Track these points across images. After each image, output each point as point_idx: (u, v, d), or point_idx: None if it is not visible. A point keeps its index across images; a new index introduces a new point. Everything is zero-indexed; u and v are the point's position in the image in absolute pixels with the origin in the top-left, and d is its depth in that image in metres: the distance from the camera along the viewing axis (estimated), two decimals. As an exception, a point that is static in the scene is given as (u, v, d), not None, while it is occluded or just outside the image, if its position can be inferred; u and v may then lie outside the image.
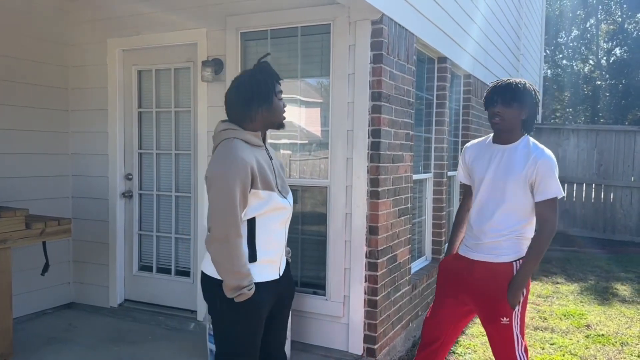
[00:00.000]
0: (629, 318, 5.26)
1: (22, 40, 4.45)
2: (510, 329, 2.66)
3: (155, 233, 4.64)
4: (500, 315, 2.65)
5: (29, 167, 4.53)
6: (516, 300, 2.61)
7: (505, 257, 2.67)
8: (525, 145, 2.69)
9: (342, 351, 3.73)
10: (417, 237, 4.89)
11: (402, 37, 3.88)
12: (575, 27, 25.38)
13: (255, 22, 3.92)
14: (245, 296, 2.21)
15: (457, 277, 2.81)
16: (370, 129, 3.60)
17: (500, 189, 2.68)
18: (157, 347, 3.99)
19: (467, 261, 2.78)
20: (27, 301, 4.50)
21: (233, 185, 2.16)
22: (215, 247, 2.21)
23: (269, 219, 2.32)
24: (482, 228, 2.72)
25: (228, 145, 2.24)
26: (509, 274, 2.64)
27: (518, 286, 2.60)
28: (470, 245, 2.79)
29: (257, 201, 2.26)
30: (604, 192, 10.01)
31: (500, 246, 2.68)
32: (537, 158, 2.61)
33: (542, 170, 2.59)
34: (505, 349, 2.69)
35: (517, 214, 2.67)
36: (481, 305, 2.74)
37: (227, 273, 2.20)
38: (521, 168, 2.63)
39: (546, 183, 2.59)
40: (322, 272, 3.79)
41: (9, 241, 3.58)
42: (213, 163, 2.23)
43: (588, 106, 24.02)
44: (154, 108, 4.57)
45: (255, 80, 2.33)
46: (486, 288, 2.69)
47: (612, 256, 8.39)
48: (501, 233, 2.67)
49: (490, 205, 2.71)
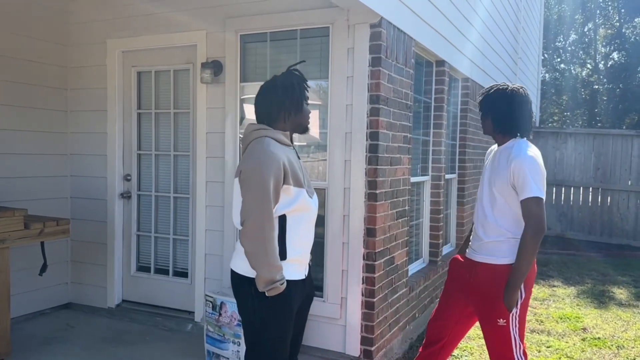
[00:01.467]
0: (625, 321, 5.28)
1: (21, 40, 4.45)
2: (507, 331, 2.67)
3: (153, 234, 4.65)
4: (497, 316, 2.67)
5: (27, 167, 4.54)
6: (512, 301, 2.62)
7: (505, 259, 2.69)
8: (509, 147, 2.75)
9: (339, 353, 3.74)
10: (415, 239, 4.91)
11: (401, 41, 3.90)
12: (574, 31, 25.44)
13: (255, 25, 3.93)
14: (277, 290, 2.25)
15: (460, 278, 2.86)
16: (369, 131, 3.61)
17: (492, 191, 2.74)
18: (155, 348, 4.00)
19: (470, 263, 2.83)
20: (25, 301, 4.51)
21: (267, 180, 2.23)
22: (251, 240, 2.24)
23: (298, 218, 2.39)
24: (482, 229, 2.78)
25: (260, 142, 2.32)
26: (507, 275, 2.66)
27: (513, 288, 2.61)
28: (474, 247, 2.84)
29: (287, 197, 2.33)
30: (601, 195, 10.04)
31: (499, 247, 2.71)
32: (513, 159, 2.65)
33: (517, 170, 2.62)
34: (501, 351, 2.71)
35: (510, 215, 2.70)
36: (479, 306, 2.77)
37: (261, 266, 2.24)
38: (503, 170, 2.68)
39: (523, 182, 2.60)
40: (320, 274, 3.80)
41: (7, 241, 3.58)
42: (246, 159, 2.31)
43: (586, 110, 24.07)
44: (153, 109, 4.58)
45: (289, 84, 2.43)
46: (485, 289, 2.72)
47: (608, 259, 8.41)
48: (499, 233, 2.71)
49: (487, 207, 2.77)
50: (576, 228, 10.18)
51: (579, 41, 25.67)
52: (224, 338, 3.66)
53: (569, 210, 10.23)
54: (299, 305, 2.46)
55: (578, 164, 10.17)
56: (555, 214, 10.26)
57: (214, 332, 3.73)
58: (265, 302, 2.29)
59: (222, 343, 3.67)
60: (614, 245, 9.63)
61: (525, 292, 2.69)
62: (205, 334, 3.78)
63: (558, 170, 10.29)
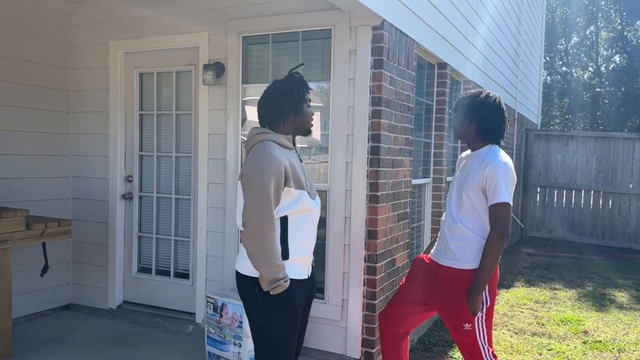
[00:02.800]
0: (626, 324, 5.27)
1: (24, 42, 4.47)
2: (474, 336, 2.70)
3: (154, 235, 4.65)
4: (462, 321, 2.70)
5: (29, 168, 4.55)
6: (476, 306, 2.65)
7: (469, 264, 2.72)
8: (484, 154, 2.77)
9: (340, 355, 3.73)
10: (416, 241, 4.90)
11: (403, 43, 3.90)
12: (575, 34, 25.45)
13: (257, 27, 3.94)
14: (281, 288, 2.29)
15: (424, 280, 2.89)
16: (370, 133, 3.62)
17: (461, 195, 2.76)
18: (155, 349, 4.00)
19: (434, 266, 2.86)
20: (26, 302, 4.51)
21: (268, 182, 2.28)
22: (251, 241, 2.29)
23: (300, 219, 2.43)
24: (448, 231, 2.81)
25: (262, 146, 2.38)
26: (471, 280, 2.68)
27: (476, 292, 2.64)
28: (439, 249, 2.87)
29: (289, 199, 2.37)
30: (602, 198, 10.02)
31: (464, 252, 2.73)
32: (487, 164, 2.67)
33: (490, 175, 2.64)
34: (472, 355, 2.75)
35: (479, 217, 2.71)
36: (444, 310, 2.81)
37: (263, 266, 2.29)
38: (475, 175, 2.70)
39: (495, 187, 2.63)
40: (321, 276, 3.80)
41: (9, 242, 3.59)
42: (249, 163, 2.36)
43: (587, 113, 24.07)
44: (155, 110, 4.59)
45: (288, 88, 2.48)
46: (449, 294, 2.75)
47: (610, 263, 8.39)
48: (464, 235, 2.73)
49: (454, 211, 2.79)
50: (578, 231, 10.17)
51: (580, 44, 25.69)
52: (224, 339, 3.66)
53: (570, 213, 10.22)
54: (303, 305, 2.48)
55: (580, 167, 10.16)
56: (557, 217, 10.25)
57: (215, 333, 3.73)
58: (269, 301, 2.33)
59: (223, 344, 3.67)
60: (615, 249, 9.61)
61: (489, 297, 2.72)
62: (206, 336, 3.78)
63: (560, 173, 10.28)
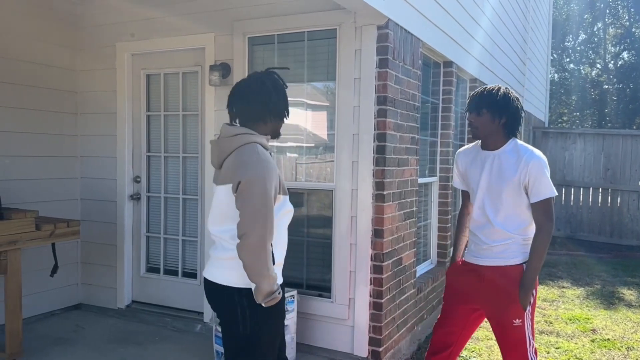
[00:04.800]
0: (635, 323, 5.24)
1: (32, 44, 4.51)
2: (523, 331, 2.68)
3: (162, 235, 4.68)
4: (513, 317, 2.68)
5: (38, 170, 4.59)
6: (527, 300, 2.65)
7: (514, 260, 2.70)
8: (513, 149, 2.72)
9: (347, 353, 3.75)
10: (423, 240, 4.90)
11: (408, 42, 3.90)
12: (583, 31, 25.30)
13: (262, 27, 3.96)
14: (275, 300, 2.20)
15: (466, 284, 2.83)
16: (376, 132, 3.62)
17: (497, 194, 2.71)
18: (164, 348, 4.03)
19: (475, 267, 2.80)
20: (36, 302, 4.55)
21: (270, 190, 2.16)
22: (252, 253, 2.14)
23: (281, 222, 2.34)
24: (487, 234, 2.74)
25: (255, 150, 2.21)
26: (520, 276, 2.67)
27: (528, 286, 2.64)
28: (477, 251, 2.80)
29: (277, 204, 2.28)
30: (610, 196, 9.97)
31: (508, 250, 2.70)
32: (527, 160, 2.64)
33: (534, 171, 2.62)
34: (517, 351, 2.71)
35: (517, 217, 2.70)
36: (492, 309, 2.76)
37: (263, 278, 2.15)
38: (514, 172, 2.66)
39: (539, 184, 2.62)
40: (328, 275, 3.82)
41: (19, 242, 3.63)
42: (247, 168, 2.17)
43: (595, 110, 23.93)
44: (162, 111, 4.62)
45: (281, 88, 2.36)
46: (497, 291, 2.71)
47: (618, 261, 8.35)
48: (507, 237, 2.70)
49: (490, 212, 2.73)
50: (586, 229, 10.12)
51: (588, 41, 25.53)
52: (232, 339, 3.68)
53: (578, 211, 10.17)
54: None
55: (587, 165, 10.10)
56: (564, 215, 10.20)
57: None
58: (259, 312, 2.23)
59: (230, 344, 3.69)
60: (624, 247, 9.56)
61: (535, 291, 2.71)
62: (214, 335, 3.80)
63: (567, 171, 10.23)
